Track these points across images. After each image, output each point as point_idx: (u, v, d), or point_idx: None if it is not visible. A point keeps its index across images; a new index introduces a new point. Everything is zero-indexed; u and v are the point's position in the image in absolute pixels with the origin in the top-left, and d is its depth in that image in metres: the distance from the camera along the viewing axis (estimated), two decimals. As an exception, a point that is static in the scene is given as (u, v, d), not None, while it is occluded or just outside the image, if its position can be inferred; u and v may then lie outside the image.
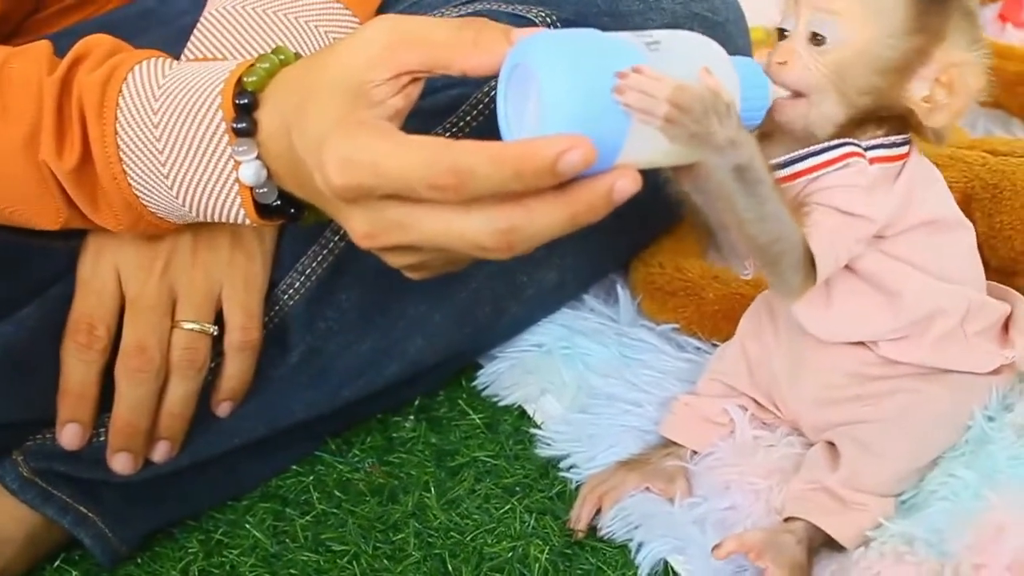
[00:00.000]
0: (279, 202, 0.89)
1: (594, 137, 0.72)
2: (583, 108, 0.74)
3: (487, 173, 0.73)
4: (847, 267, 0.89)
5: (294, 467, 1.12)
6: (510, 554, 0.98)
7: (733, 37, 1.15)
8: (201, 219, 0.92)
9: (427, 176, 0.74)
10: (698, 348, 1.15)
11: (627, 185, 0.74)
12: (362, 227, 0.79)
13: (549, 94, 0.73)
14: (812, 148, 0.88)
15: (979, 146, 1.13)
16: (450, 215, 0.75)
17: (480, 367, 1.20)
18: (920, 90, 0.88)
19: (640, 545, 0.95)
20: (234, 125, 0.85)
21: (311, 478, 1.10)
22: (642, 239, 1.23)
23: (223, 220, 0.90)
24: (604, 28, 0.80)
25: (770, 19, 1.37)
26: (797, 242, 0.84)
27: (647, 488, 0.99)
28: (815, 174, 0.88)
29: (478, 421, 1.14)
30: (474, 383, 1.19)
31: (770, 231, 0.83)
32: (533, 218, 0.75)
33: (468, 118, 1.07)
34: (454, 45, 0.79)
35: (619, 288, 1.22)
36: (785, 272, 0.85)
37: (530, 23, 1.07)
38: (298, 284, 1.06)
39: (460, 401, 1.17)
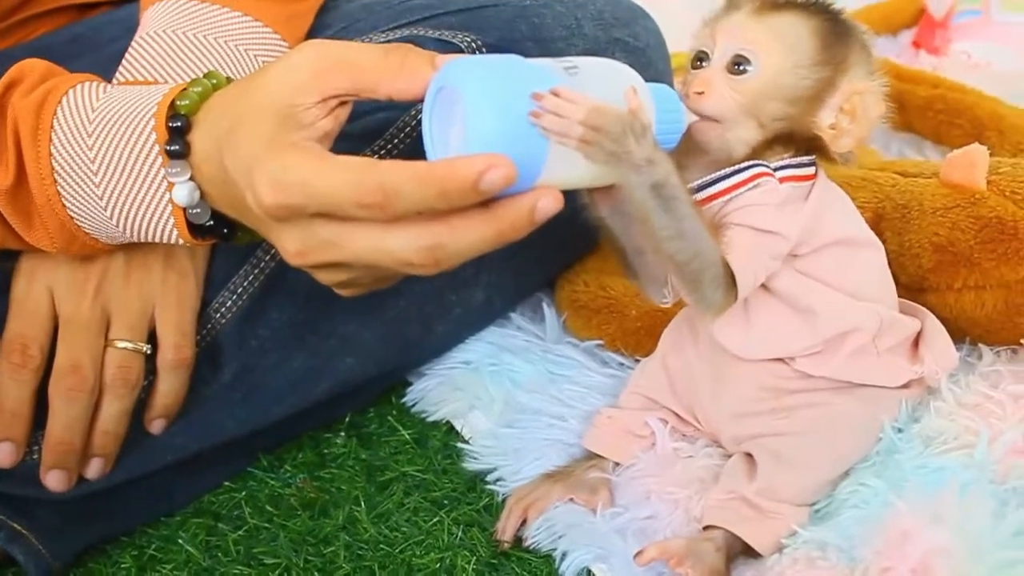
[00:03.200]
0: (212, 222, 0.90)
1: (516, 157, 0.75)
2: (504, 130, 0.76)
3: (412, 191, 0.75)
4: (764, 287, 0.92)
5: (226, 483, 1.13)
6: (438, 565, 1.00)
7: (654, 62, 1.18)
8: (135, 239, 0.93)
9: (355, 195, 0.76)
10: (621, 364, 1.18)
11: (549, 204, 0.77)
12: (293, 245, 0.82)
13: (472, 116, 0.76)
14: (723, 172, 0.91)
15: (890, 168, 1.16)
16: (378, 233, 0.78)
17: (409, 384, 1.22)
18: (827, 118, 0.92)
19: (564, 554, 0.97)
20: (167, 147, 0.87)
21: (243, 494, 1.12)
22: (567, 258, 1.25)
23: (157, 240, 0.92)
24: (528, 53, 0.83)
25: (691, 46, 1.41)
26: (716, 259, 0.87)
27: (571, 499, 1.01)
28: (728, 196, 0.91)
29: (407, 437, 1.16)
30: (403, 399, 1.21)
31: (689, 248, 0.85)
32: (458, 235, 0.77)
33: (396, 141, 1.09)
34: (380, 69, 0.82)
35: (545, 306, 1.24)
36: (706, 290, 0.88)
37: (456, 48, 1.10)
38: (230, 303, 1.07)
39: (390, 417, 1.19)
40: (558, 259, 1.25)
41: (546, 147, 0.78)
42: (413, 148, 1.07)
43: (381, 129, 1.09)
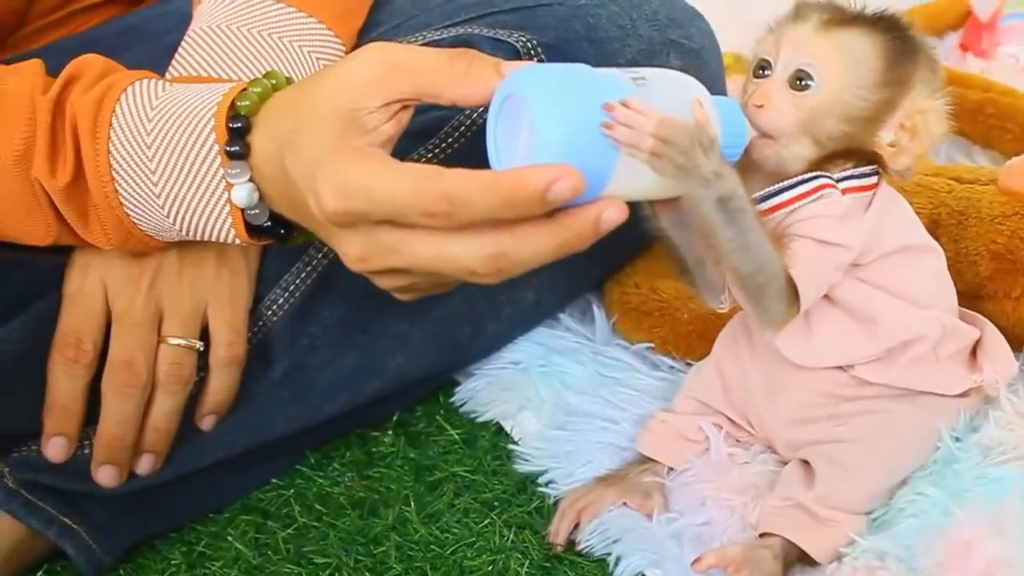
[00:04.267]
0: (269, 223, 0.90)
1: (583, 168, 0.74)
2: (573, 139, 0.76)
3: (479, 200, 0.75)
4: (825, 296, 0.92)
5: (274, 480, 1.13)
6: (490, 567, 1.00)
7: (708, 64, 1.17)
8: (191, 238, 0.93)
9: (420, 202, 0.75)
10: (672, 367, 1.17)
11: (614, 215, 0.77)
12: (355, 251, 0.81)
13: (540, 125, 0.75)
14: (786, 183, 0.91)
15: (944, 173, 1.15)
16: (442, 240, 0.77)
17: (457, 383, 1.21)
18: (887, 136, 0.91)
19: (618, 559, 0.97)
20: (227, 148, 0.86)
21: (291, 491, 1.12)
22: (618, 260, 1.25)
23: (214, 239, 0.92)
24: (583, 53, 0.82)
25: (738, 44, 1.40)
26: (779, 271, 0.87)
27: (624, 503, 1.01)
28: (791, 207, 0.90)
29: (456, 437, 1.16)
30: (452, 399, 1.20)
31: (754, 261, 0.85)
32: (522, 245, 0.77)
33: (450, 140, 1.08)
34: (445, 75, 0.81)
35: (595, 308, 1.24)
36: (769, 302, 0.88)
37: (511, 47, 1.09)
38: (282, 300, 1.07)
39: (438, 417, 1.19)
40: (609, 261, 1.25)
41: (614, 158, 0.77)
42: (468, 147, 1.08)
43: (436, 128, 1.08)
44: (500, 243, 0.77)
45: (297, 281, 1.08)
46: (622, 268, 1.25)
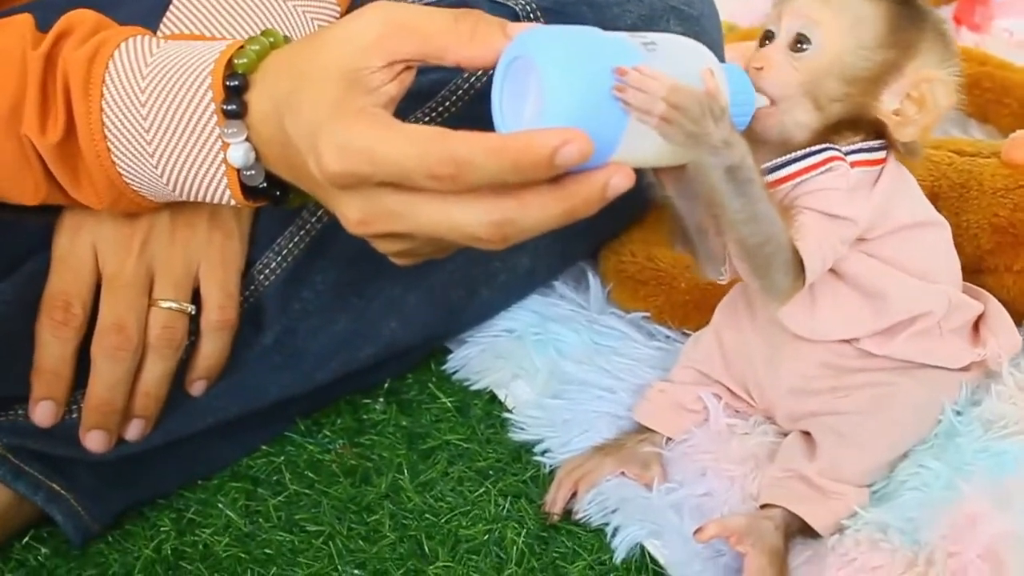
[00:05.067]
0: (264, 184, 0.89)
1: (591, 132, 0.73)
2: (582, 103, 0.75)
3: (485, 163, 0.73)
4: (831, 270, 0.91)
5: (264, 447, 1.12)
6: (486, 536, 0.99)
7: (708, 31, 1.16)
8: (184, 198, 0.91)
9: (425, 165, 0.74)
10: (668, 336, 1.16)
11: (621, 181, 0.76)
12: (356, 214, 0.80)
13: (549, 88, 0.74)
14: (795, 154, 0.90)
15: (945, 146, 1.14)
16: (446, 205, 0.76)
17: (449, 351, 1.20)
18: (891, 103, 0.90)
19: (616, 529, 0.96)
20: (224, 106, 0.85)
21: (281, 459, 1.10)
22: (614, 228, 1.24)
23: (207, 200, 0.90)
24: (582, 17, 0.81)
25: (731, 15, 1.38)
26: (786, 244, 0.86)
27: (622, 473, 1.00)
28: (799, 179, 0.89)
29: (449, 405, 1.14)
30: (444, 367, 1.19)
31: (761, 232, 0.84)
32: (528, 211, 0.76)
33: (448, 103, 1.07)
34: (450, 36, 0.80)
35: (590, 276, 1.23)
36: (775, 275, 0.87)
37: (510, 11, 1.08)
38: (274, 264, 1.06)
39: (430, 384, 1.17)
40: (606, 229, 1.23)
41: (623, 123, 0.76)
42: (466, 111, 1.06)
43: (434, 90, 1.07)
44: (506, 210, 0.76)
45: (290, 245, 1.06)
46: (618, 236, 1.23)
